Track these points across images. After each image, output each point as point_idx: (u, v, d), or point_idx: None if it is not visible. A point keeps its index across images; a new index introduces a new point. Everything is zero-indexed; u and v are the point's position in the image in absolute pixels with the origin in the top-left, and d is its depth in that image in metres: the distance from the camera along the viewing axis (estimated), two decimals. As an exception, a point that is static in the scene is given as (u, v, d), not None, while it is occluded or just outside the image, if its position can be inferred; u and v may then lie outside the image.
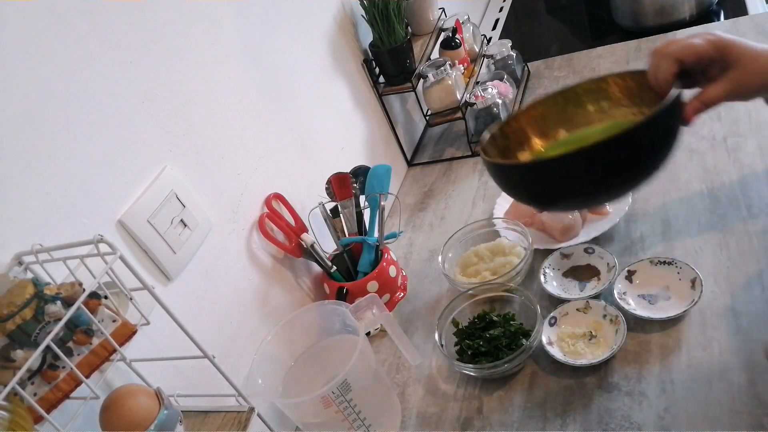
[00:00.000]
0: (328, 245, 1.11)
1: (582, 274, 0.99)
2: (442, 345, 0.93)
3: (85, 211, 0.71)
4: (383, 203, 1.10)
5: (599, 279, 0.97)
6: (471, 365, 0.89)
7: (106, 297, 0.62)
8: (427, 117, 1.48)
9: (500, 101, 1.35)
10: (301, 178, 1.11)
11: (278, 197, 1.03)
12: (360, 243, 1.09)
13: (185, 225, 0.84)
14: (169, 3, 0.85)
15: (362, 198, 1.12)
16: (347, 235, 1.10)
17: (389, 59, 1.30)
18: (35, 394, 0.58)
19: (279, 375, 0.88)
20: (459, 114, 1.37)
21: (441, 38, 1.47)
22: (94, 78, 0.73)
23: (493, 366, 0.87)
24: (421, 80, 1.37)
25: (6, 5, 0.64)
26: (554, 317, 0.92)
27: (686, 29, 1.49)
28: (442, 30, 1.46)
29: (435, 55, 1.44)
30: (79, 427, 0.64)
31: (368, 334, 1.06)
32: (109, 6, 0.76)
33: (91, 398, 0.61)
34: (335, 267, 1.07)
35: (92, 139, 0.73)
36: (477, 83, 1.42)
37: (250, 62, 1.00)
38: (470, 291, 1.00)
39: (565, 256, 1.02)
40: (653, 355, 0.84)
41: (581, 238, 1.04)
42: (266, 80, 1.04)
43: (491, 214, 1.17)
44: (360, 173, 1.14)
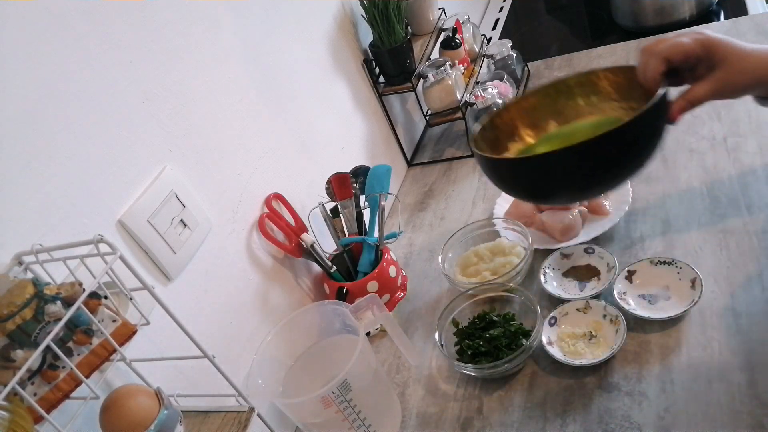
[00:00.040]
0: (328, 245, 1.11)
1: (582, 274, 0.99)
2: (442, 345, 0.93)
3: (85, 211, 0.71)
4: (383, 203, 1.09)
5: (599, 279, 0.97)
6: (471, 365, 0.89)
7: (106, 297, 0.62)
8: (427, 117, 1.48)
9: (500, 101, 1.35)
10: (301, 178, 1.11)
11: (278, 197, 1.03)
12: (360, 243, 1.09)
13: (185, 225, 0.84)
14: (169, 3, 0.85)
15: (362, 198, 1.12)
16: (347, 235, 1.10)
17: (389, 59, 1.30)
18: (35, 394, 0.58)
19: (279, 375, 0.88)
20: (459, 114, 1.37)
21: (441, 38, 1.47)
22: (94, 78, 0.73)
23: (493, 366, 0.87)
24: (421, 80, 1.36)
25: (6, 5, 0.64)
26: (554, 317, 0.92)
27: (686, 29, 1.49)
28: (442, 30, 1.46)
29: (435, 55, 1.44)
30: (79, 427, 0.64)
31: (368, 334, 1.06)
32: (109, 6, 0.76)
33: (91, 398, 0.61)
34: (335, 267, 1.07)
35: (92, 139, 0.73)
36: (477, 83, 1.42)
37: (250, 62, 1.00)
38: (470, 291, 1.00)
39: (565, 256, 1.02)
40: (653, 355, 0.84)
41: (581, 238, 1.04)
42: (266, 80, 1.04)
43: (491, 214, 1.17)
44: (360, 173, 1.14)
